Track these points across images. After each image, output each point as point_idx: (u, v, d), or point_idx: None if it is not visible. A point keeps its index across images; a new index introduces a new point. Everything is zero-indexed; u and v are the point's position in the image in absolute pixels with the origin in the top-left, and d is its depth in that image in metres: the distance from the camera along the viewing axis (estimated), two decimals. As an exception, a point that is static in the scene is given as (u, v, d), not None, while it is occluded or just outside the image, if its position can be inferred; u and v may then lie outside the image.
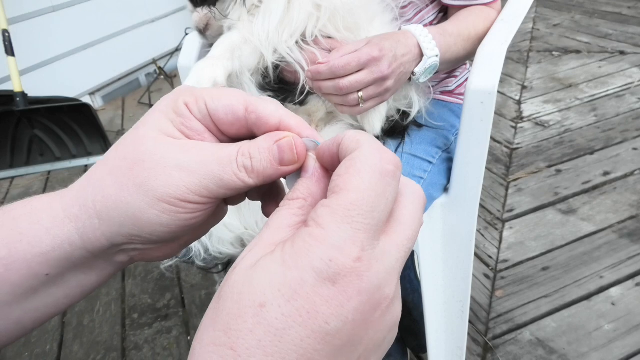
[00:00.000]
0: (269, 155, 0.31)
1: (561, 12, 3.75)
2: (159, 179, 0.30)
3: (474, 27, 0.90)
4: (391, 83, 0.77)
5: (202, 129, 0.33)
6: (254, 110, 0.32)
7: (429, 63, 0.80)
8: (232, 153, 0.31)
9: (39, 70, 2.85)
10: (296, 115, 0.33)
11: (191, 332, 1.54)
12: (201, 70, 0.77)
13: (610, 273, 1.52)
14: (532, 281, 1.53)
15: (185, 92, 0.33)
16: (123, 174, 0.31)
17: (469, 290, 1.01)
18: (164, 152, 0.31)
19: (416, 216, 0.28)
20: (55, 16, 2.90)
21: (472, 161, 0.88)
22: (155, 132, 0.32)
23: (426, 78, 0.83)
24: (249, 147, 0.31)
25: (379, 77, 0.74)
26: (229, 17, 0.83)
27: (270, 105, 0.32)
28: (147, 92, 3.34)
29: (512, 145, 2.25)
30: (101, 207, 0.32)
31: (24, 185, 2.52)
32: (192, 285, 1.72)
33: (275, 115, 0.32)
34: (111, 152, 0.33)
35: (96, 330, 1.60)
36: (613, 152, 2.08)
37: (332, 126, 0.84)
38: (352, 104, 0.77)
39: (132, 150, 0.31)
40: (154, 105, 0.34)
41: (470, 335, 1.38)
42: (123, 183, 0.31)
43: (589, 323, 1.38)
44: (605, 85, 2.61)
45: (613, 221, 1.72)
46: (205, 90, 0.33)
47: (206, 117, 0.32)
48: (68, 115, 2.41)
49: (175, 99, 0.33)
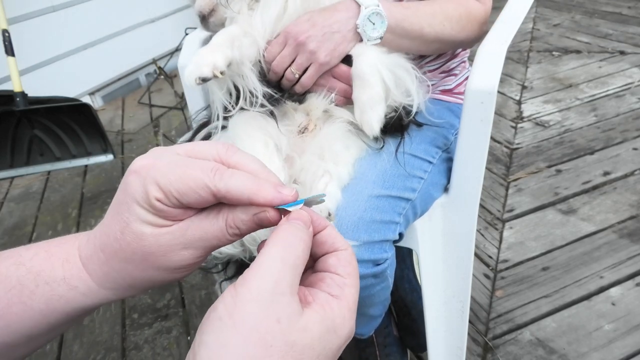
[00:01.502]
0: (252, 224, 0.38)
1: (561, 12, 3.75)
2: (174, 259, 0.39)
3: (441, 7, 0.87)
4: (314, 45, 0.79)
5: (181, 211, 0.38)
6: (222, 195, 0.37)
7: (368, 12, 0.79)
8: (223, 227, 0.38)
9: (39, 70, 2.86)
10: (263, 181, 0.38)
11: (191, 332, 1.54)
12: (202, 56, 0.77)
13: (610, 273, 1.52)
14: (532, 281, 1.54)
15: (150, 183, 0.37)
16: (138, 264, 0.39)
17: (469, 290, 1.02)
18: (167, 241, 0.38)
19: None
20: (55, 16, 2.91)
21: (472, 161, 0.88)
22: (148, 228, 0.38)
23: (377, 30, 0.81)
24: (234, 220, 0.38)
25: (295, 45, 0.79)
26: (231, 6, 0.83)
27: (238, 180, 0.37)
28: (147, 92, 3.34)
29: (512, 145, 2.25)
30: (129, 282, 0.41)
31: (24, 185, 2.52)
32: (192, 285, 1.72)
33: (243, 194, 0.37)
34: (113, 245, 0.39)
35: (96, 330, 1.60)
36: (613, 152, 2.08)
37: (330, 125, 0.84)
38: (291, 79, 0.83)
39: (138, 246, 0.39)
40: (122, 189, 0.39)
41: (470, 335, 1.39)
42: (143, 268, 0.40)
43: (589, 323, 1.38)
44: (605, 85, 2.61)
45: (613, 221, 1.72)
46: (171, 177, 0.37)
47: (179, 205, 0.38)
48: (68, 115, 2.41)
49: (145, 192, 0.37)
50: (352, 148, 0.84)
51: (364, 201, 0.79)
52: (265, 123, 0.80)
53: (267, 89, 0.83)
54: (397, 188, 0.84)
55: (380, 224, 0.80)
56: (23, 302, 0.40)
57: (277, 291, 0.32)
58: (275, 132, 0.79)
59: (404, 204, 0.84)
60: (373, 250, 0.78)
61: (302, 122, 0.86)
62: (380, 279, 0.83)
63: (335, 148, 0.81)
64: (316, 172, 0.78)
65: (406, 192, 0.85)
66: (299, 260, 0.35)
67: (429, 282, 1.01)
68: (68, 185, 2.48)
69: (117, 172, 2.54)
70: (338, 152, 0.81)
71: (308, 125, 0.85)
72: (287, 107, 0.86)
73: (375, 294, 0.86)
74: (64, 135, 2.49)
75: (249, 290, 0.32)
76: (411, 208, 0.86)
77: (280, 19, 0.81)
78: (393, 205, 0.82)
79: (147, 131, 2.91)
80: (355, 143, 0.85)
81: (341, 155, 0.81)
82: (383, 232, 0.80)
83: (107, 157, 2.59)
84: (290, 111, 0.86)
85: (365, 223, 0.78)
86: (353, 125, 0.85)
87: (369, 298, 0.87)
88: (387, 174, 0.84)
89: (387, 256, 0.81)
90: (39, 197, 2.42)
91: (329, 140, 0.82)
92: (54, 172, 2.59)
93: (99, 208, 2.25)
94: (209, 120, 0.88)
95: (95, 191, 2.40)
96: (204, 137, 0.84)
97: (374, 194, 0.80)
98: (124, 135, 2.91)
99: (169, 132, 2.84)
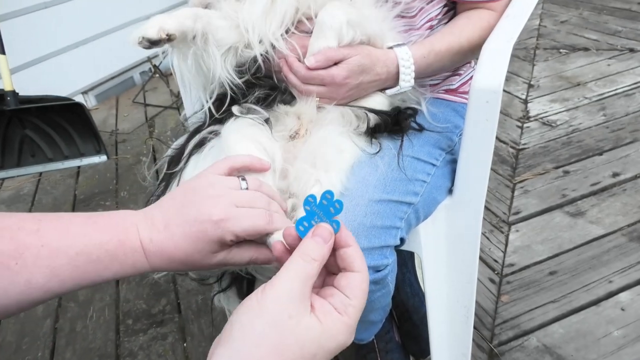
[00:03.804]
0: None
1: (569, 8, 3.76)
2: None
3: (468, 39, 0.94)
4: (343, 90, 0.86)
5: None
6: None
7: (400, 90, 0.90)
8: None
9: (30, 68, 2.86)
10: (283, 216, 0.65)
11: (187, 338, 1.54)
12: (153, 18, 0.77)
13: (619, 277, 1.52)
14: (539, 286, 1.54)
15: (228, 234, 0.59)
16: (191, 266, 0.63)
17: (474, 295, 1.02)
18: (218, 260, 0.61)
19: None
20: (47, 13, 2.91)
21: (477, 162, 0.88)
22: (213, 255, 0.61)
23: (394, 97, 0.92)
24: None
25: (332, 97, 0.85)
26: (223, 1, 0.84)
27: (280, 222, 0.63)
28: (141, 91, 3.35)
29: (518, 145, 2.26)
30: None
31: (14, 187, 2.52)
32: (188, 290, 1.72)
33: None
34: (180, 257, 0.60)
35: (89, 336, 1.60)
36: (622, 152, 2.09)
37: (322, 128, 0.84)
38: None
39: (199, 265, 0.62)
40: (202, 230, 0.58)
41: (475, 342, 1.39)
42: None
43: (597, 329, 1.38)
44: (614, 84, 2.62)
45: (622, 224, 1.72)
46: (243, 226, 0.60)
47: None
48: (60, 115, 2.42)
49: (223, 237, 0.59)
50: (345, 152, 0.83)
51: (364, 206, 0.79)
52: (259, 133, 0.79)
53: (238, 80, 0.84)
54: (398, 192, 0.84)
55: (381, 229, 0.79)
56: (97, 272, 0.55)
57: (291, 296, 0.45)
58: (269, 143, 0.78)
59: (405, 209, 0.84)
60: (373, 256, 0.78)
61: (293, 126, 0.86)
62: (381, 285, 0.83)
63: (327, 153, 0.81)
64: (307, 182, 0.77)
65: (408, 196, 0.85)
66: (312, 273, 0.47)
67: (432, 286, 1.01)
68: (60, 187, 2.49)
69: (110, 174, 2.54)
70: (330, 158, 0.80)
71: (299, 130, 0.85)
72: (278, 111, 0.86)
73: (376, 300, 0.86)
74: (56, 136, 2.50)
75: (272, 291, 0.46)
76: (413, 212, 0.86)
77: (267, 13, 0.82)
78: (394, 209, 0.82)
79: (141, 131, 2.91)
80: (349, 146, 0.85)
81: (333, 161, 0.81)
82: (383, 237, 0.80)
83: (101, 158, 2.59)
84: (282, 116, 0.86)
85: (365, 229, 0.78)
86: (346, 126, 0.86)
87: (368, 304, 0.87)
88: (388, 177, 0.84)
89: (388, 262, 0.80)
90: (30, 200, 2.42)
91: (321, 145, 0.81)
92: (46, 174, 2.59)
93: (91, 211, 2.25)
94: (204, 124, 0.88)
95: (88, 193, 2.41)
96: (197, 142, 0.84)
97: (374, 199, 0.80)
98: (117, 135, 2.91)
99: (164, 132, 2.84)
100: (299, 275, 0.47)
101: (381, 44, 0.88)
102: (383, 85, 0.89)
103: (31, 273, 0.51)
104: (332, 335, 0.46)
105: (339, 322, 0.46)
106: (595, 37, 3.20)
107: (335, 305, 0.47)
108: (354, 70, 0.83)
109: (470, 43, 0.94)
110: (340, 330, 0.46)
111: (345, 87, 0.84)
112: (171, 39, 0.77)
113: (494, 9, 0.96)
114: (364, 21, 0.83)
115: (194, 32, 0.80)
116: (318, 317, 0.46)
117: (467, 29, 0.94)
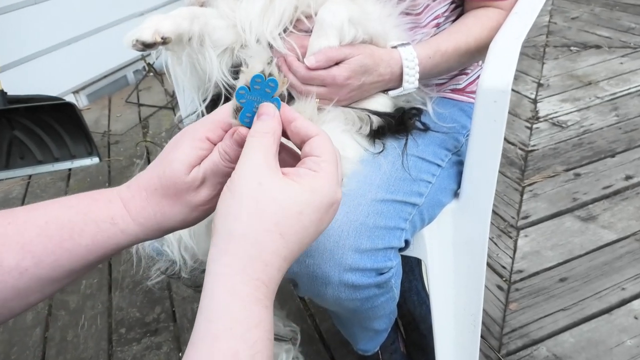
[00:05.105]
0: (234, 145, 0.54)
1: (580, 4, 3.76)
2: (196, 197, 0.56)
3: (475, 39, 0.94)
4: (345, 91, 0.86)
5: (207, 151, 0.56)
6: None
7: (404, 92, 0.90)
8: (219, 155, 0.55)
9: (19, 67, 2.86)
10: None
11: (182, 347, 1.54)
12: (149, 20, 0.78)
13: (632, 284, 1.52)
14: (549, 293, 1.54)
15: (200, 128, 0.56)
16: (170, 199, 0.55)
17: (481, 302, 1.02)
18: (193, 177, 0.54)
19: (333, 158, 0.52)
20: (37, 9, 2.92)
21: (484, 164, 0.89)
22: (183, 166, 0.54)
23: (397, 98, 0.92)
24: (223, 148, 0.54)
25: (333, 98, 0.85)
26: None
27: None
28: (135, 91, 3.35)
29: (527, 147, 2.26)
30: (160, 219, 0.55)
31: (2, 191, 2.52)
32: (184, 298, 1.73)
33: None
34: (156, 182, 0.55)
35: (81, 346, 1.60)
36: (636, 154, 2.09)
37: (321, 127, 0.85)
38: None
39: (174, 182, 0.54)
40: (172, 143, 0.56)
41: (483, 351, 1.39)
42: (173, 204, 0.55)
43: (609, 338, 1.38)
44: (627, 83, 2.62)
45: (636, 229, 1.72)
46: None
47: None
48: (50, 115, 2.42)
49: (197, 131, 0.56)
50: (346, 150, 0.84)
51: (366, 206, 0.80)
52: None
53: (233, 81, 0.84)
54: (402, 192, 0.84)
55: (384, 230, 0.80)
56: (73, 239, 0.51)
57: (256, 167, 0.48)
58: None
59: (410, 209, 0.84)
60: (376, 258, 0.79)
61: None
62: (385, 289, 0.83)
63: None
64: None
65: (412, 197, 0.85)
66: (269, 144, 0.49)
67: (438, 293, 1.02)
68: (50, 191, 2.49)
69: (103, 176, 2.54)
70: None
71: None
72: None
73: (379, 305, 0.86)
74: (46, 137, 2.50)
75: (237, 172, 0.48)
76: (418, 214, 0.86)
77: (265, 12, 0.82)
78: (398, 210, 0.82)
79: (135, 132, 2.91)
80: (351, 146, 0.85)
81: None
82: (387, 238, 0.80)
83: (93, 160, 2.60)
84: None
85: (368, 229, 0.78)
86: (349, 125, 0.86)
87: (372, 310, 0.87)
88: (393, 177, 0.84)
89: (392, 265, 0.81)
90: (19, 203, 2.42)
91: None
92: (36, 176, 2.59)
93: (83, 215, 2.25)
94: None
95: (79, 197, 2.40)
96: None
97: (377, 199, 0.81)
98: (110, 136, 2.91)
99: (158, 133, 2.84)
100: (258, 150, 0.49)
101: (384, 43, 0.88)
102: (386, 87, 0.90)
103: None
104: (313, 190, 0.48)
105: (316, 178, 0.48)
106: (608, 34, 3.21)
107: (308, 167, 0.49)
108: (356, 70, 0.83)
109: (478, 43, 0.94)
110: (321, 184, 0.48)
111: (346, 88, 0.84)
112: (166, 42, 0.78)
113: (502, 7, 0.96)
114: (366, 19, 0.84)
115: (190, 34, 0.81)
116: (293, 179, 0.48)
117: (475, 28, 0.94)
